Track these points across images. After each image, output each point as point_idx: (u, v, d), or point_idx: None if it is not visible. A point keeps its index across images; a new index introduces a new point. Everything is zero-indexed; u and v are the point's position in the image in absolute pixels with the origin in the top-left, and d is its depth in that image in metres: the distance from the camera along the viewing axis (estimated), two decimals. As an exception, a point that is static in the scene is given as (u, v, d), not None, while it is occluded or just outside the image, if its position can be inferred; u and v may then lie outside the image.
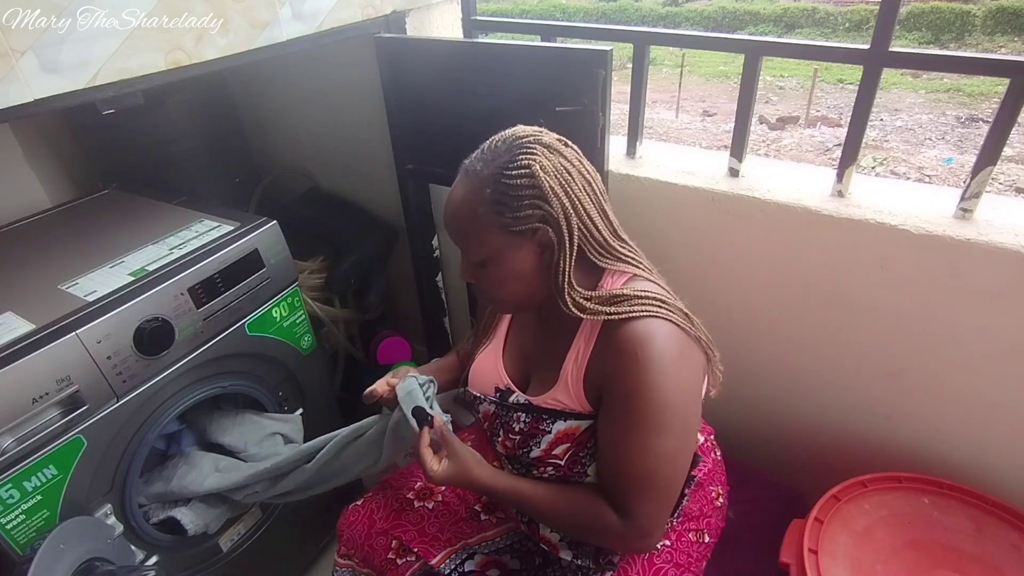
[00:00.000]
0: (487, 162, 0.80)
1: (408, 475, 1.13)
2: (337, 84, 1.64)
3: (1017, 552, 1.02)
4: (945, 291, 1.08)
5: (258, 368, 1.26)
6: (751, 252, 1.26)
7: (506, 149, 0.80)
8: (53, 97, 0.83)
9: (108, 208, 1.36)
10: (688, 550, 0.99)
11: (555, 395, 0.87)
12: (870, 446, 1.30)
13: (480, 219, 0.80)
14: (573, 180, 0.79)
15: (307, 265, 1.68)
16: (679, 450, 0.80)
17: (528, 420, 0.89)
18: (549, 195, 0.77)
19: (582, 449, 0.87)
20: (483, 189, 0.79)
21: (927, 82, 10.22)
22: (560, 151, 0.80)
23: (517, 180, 0.77)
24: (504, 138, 0.82)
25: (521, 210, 0.78)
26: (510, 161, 0.78)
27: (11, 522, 0.91)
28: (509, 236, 0.80)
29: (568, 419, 0.86)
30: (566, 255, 0.80)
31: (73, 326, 0.92)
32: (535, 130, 0.83)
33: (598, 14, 15.44)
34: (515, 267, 0.82)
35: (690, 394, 0.81)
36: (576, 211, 0.79)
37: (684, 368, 0.80)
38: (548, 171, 0.78)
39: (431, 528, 1.04)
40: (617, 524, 0.80)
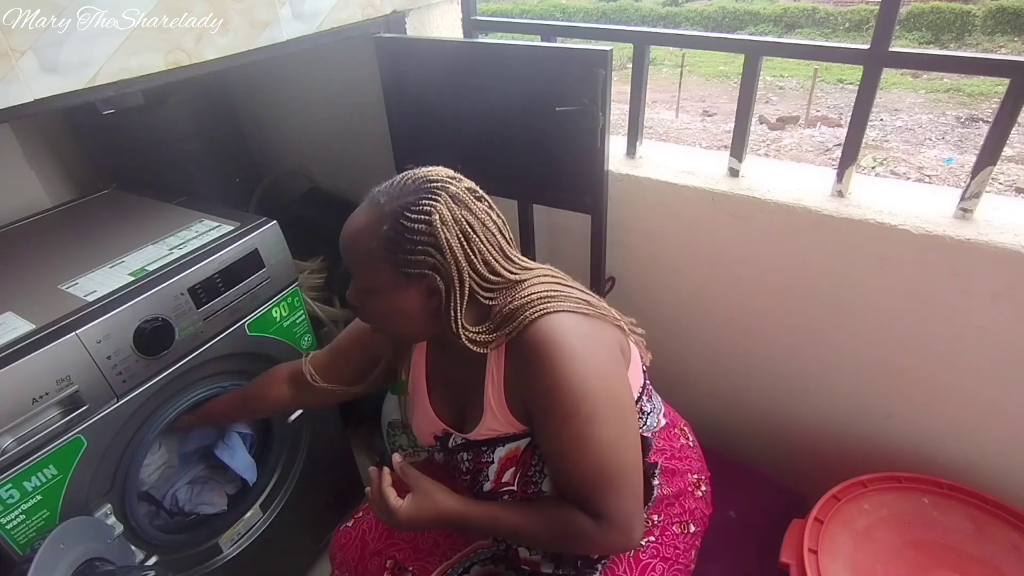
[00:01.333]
0: (392, 198, 0.80)
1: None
2: (337, 84, 1.64)
3: (1017, 552, 1.02)
4: (945, 291, 1.08)
5: (258, 368, 1.26)
6: (751, 252, 1.26)
7: (413, 190, 0.79)
8: (53, 97, 0.83)
9: (108, 208, 1.36)
10: (674, 543, 0.98)
11: (487, 425, 0.86)
12: (870, 446, 1.30)
13: (371, 252, 0.80)
14: (473, 233, 0.79)
15: (307, 265, 1.68)
16: (620, 434, 0.79)
17: (470, 457, 0.89)
18: (443, 246, 0.77)
19: (529, 469, 0.86)
20: (380, 224, 0.79)
21: (927, 82, 10.22)
22: (465, 202, 0.80)
23: (415, 224, 0.77)
24: (416, 176, 0.82)
25: (414, 254, 0.78)
26: (413, 203, 0.78)
27: (11, 522, 0.91)
28: (397, 275, 0.80)
29: (506, 443, 0.86)
30: (455, 303, 0.80)
31: (73, 326, 0.92)
32: (449, 176, 0.82)
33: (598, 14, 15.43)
34: (399, 305, 0.82)
35: (608, 374, 0.80)
36: (470, 263, 0.79)
37: (593, 351, 0.79)
38: (447, 222, 0.77)
39: (425, 544, 1.03)
40: (593, 527, 0.79)
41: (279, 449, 1.37)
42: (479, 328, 0.82)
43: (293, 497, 1.41)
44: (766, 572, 1.08)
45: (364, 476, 1.72)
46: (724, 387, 1.47)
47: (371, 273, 0.81)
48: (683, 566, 0.97)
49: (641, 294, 1.45)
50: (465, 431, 0.91)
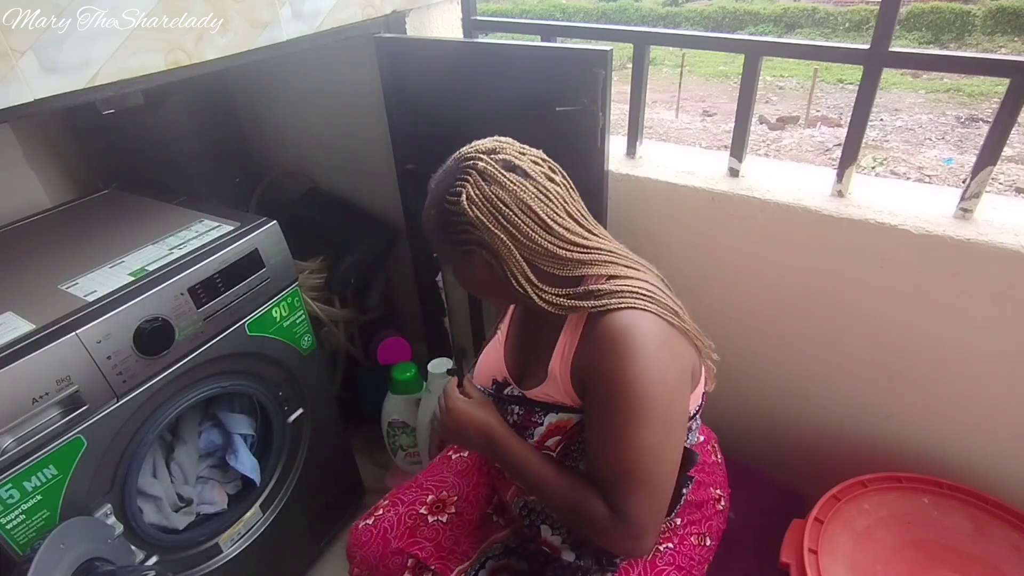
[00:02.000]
0: (438, 182, 0.85)
1: (419, 489, 1.11)
2: (337, 84, 1.64)
3: (1017, 552, 1.02)
4: (945, 291, 1.08)
5: (258, 368, 1.26)
6: (751, 252, 1.26)
7: (452, 171, 0.83)
8: (53, 97, 0.83)
9: (108, 208, 1.36)
10: (690, 553, 0.98)
11: (545, 389, 0.88)
12: (870, 446, 1.30)
13: (434, 233, 0.87)
14: (506, 207, 0.79)
15: (307, 265, 1.68)
16: (662, 444, 0.78)
17: (521, 412, 0.90)
18: (477, 223, 0.80)
19: (573, 443, 0.87)
20: (431, 209, 0.85)
21: (927, 82, 10.22)
22: (494, 178, 0.79)
23: (452, 206, 0.81)
24: (457, 156, 0.84)
25: (458, 234, 0.83)
26: (450, 186, 0.82)
27: (11, 522, 0.91)
28: (457, 251, 0.85)
29: (559, 412, 0.86)
30: (512, 269, 0.81)
31: (73, 326, 0.92)
32: (482, 151, 0.82)
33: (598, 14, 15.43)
34: (470, 276, 0.88)
35: (673, 386, 0.80)
36: (511, 236, 0.80)
37: (666, 359, 0.79)
38: (475, 202, 0.79)
39: (447, 542, 1.03)
40: (607, 518, 0.79)
41: (279, 449, 1.37)
42: (559, 291, 0.83)
43: (293, 497, 1.41)
44: (766, 572, 1.08)
45: (364, 476, 1.72)
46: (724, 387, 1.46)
47: (441, 252, 0.89)
48: None
49: (641, 294, 1.44)
50: (523, 387, 0.92)
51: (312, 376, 1.39)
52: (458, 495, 1.09)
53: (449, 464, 1.16)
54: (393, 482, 1.65)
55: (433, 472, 1.14)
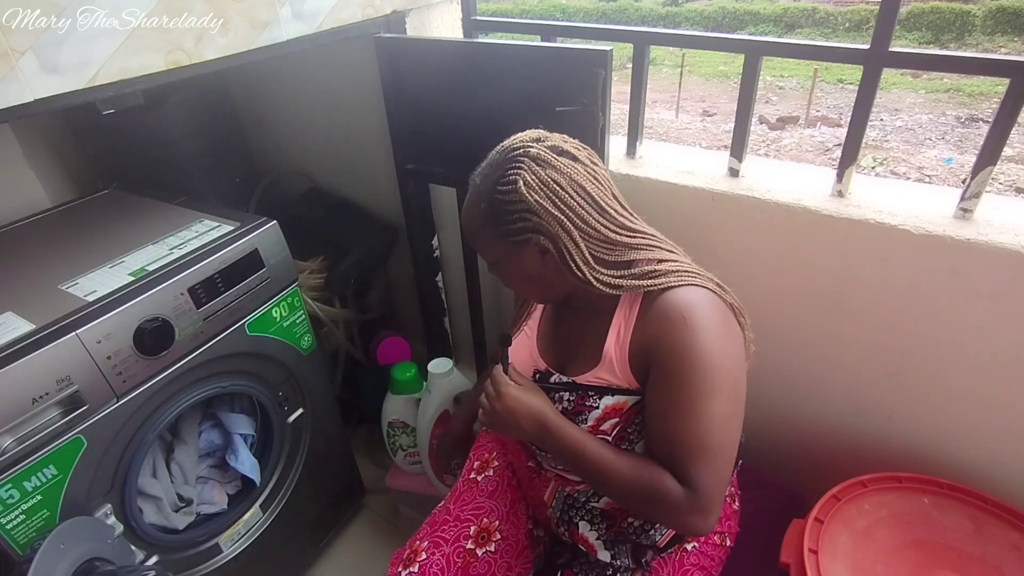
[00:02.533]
0: (484, 176, 0.85)
1: (458, 522, 1.03)
2: (337, 84, 1.64)
3: (1017, 552, 1.02)
4: (945, 291, 1.08)
5: (258, 368, 1.26)
6: (751, 252, 1.26)
7: (499, 163, 0.83)
8: (53, 97, 0.83)
9: (108, 208, 1.36)
10: (712, 553, 0.99)
11: (598, 373, 0.87)
12: (870, 446, 1.30)
13: (482, 230, 0.86)
14: (562, 190, 0.80)
15: (307, 265, 1.68)
16: (731, 414, 0.80)
17: (573, 398, 0.89)
18: (537, 209, 0.79)
19: (630, 425, 0.87)
20: (480, 203, 0.85)
21: (927, 82, 10.22)
22: (548, 162, 0.81)
23: (506, 196, 0.81)
24: (502, 148, 0.85)
25: (513, 223, 0.82)
26: (501, 176, 0.82)
27: (11, 522, 0.91)
28: (509, 245, 0.85)
29: (615, 394, 0.86)
30: (570, 252, 0.81)
31: (73, 326, 0.92)
32: (529, 140, 0.84)
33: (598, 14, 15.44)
34: (523, 270, 0.87)
35: (736, 359, 0.82)
36: (569, 219, 0.80)
37: (727, 333, 0.82)
38: (532, 186, 0.79)
39: (500, 570, 1.00)
40: (679, 493, 0.77)
41: (279, 449, 1.37)
42: (615, 272, 0.83)
43: (293, 497, 1.41)
44: (766, 572, 1.08)
45: (364, 476, 1.72)
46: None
47: (489, 249, 0.88)
48: None
49: (641, 294, 1.45)
50: (570, 374, 0.92)
51: (312, 376, 1.39)
52: (499, 519, 1.04)
53: (478, 487, 1.09)
54: (393, 482, 1.65)
55: (465, 500, 1.07)
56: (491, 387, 0.90)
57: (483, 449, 1.17)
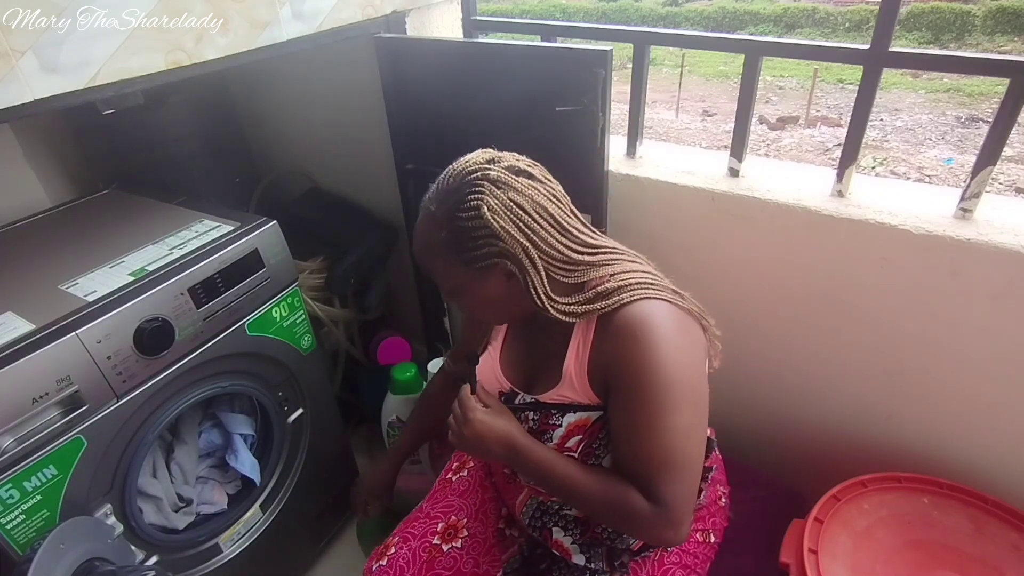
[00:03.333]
0: (440, 203, 0.82)
1: (427, 519, 1.08)
2: (337, 84, 1.64)
3: (1017, 552, 1.02)
4: (945, 291, 1.08)
5: (258, 368, 1.26)
6: (751, 252, 1.26)
7: (455, 188, 0.80)
8: (53, 97, 0.83)
9: (108, 208, 1.36)
10: (695, 551, 0.99)
11: (560, 391, 0.87)
12: (870, 446, 1.30)
13: (441, 259, 0.83)
14: (525, 213, 0.79)
15: (307, 265, 1.68)
16: (693, 426, 0.80)
17: (537, 417, 0.89)
18: (501, 234, 0.78)
19: (595, 440, 0.87)
20: (439, 231, 0.81)
21: (927, 82, 10.22)
22: (509, 184, 0.80)
23: (468, 222, 0.78)
24: (455, 173, 0.82)
25: (477, 249, 0.80)
26: (460, 202, 0.79)
27: (11, 522, 0.91)
28: (471, 272, 0.82)
29: (577, 411, 0.86)
30: (533, 280, 0.80)
31: (73, 326, 0.92)
32: (484, 162, 0.82)
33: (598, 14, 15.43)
34: (485, 296, 0.85)
35: (695, 369, 0.81)
36: (533, 243, 0.80)
37: (685, 343, 0.81)
38: (496, 210, 0.78)
39: (466, 567, 1.02)
40: (647, 509, 0.78)
41: (279, 449, 1.37)
42: (569, 300, 0.83)
43: (293, 497, 1.41)
44: (766, 572, 1.08)
45: (364, 476, 1.72)
46: (723, 387, 1.46)
47: (449, 277, 0.85)
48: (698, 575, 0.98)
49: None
50: (534, 393, 0.91)
51: (312, 376, 1.39)
52: (467, 517, 1.07)
53: (451, 487, 1.13)
54: (393, 482, 1.65)
55: (436, 499, 1.11)
56: (459, 410, 0.88)
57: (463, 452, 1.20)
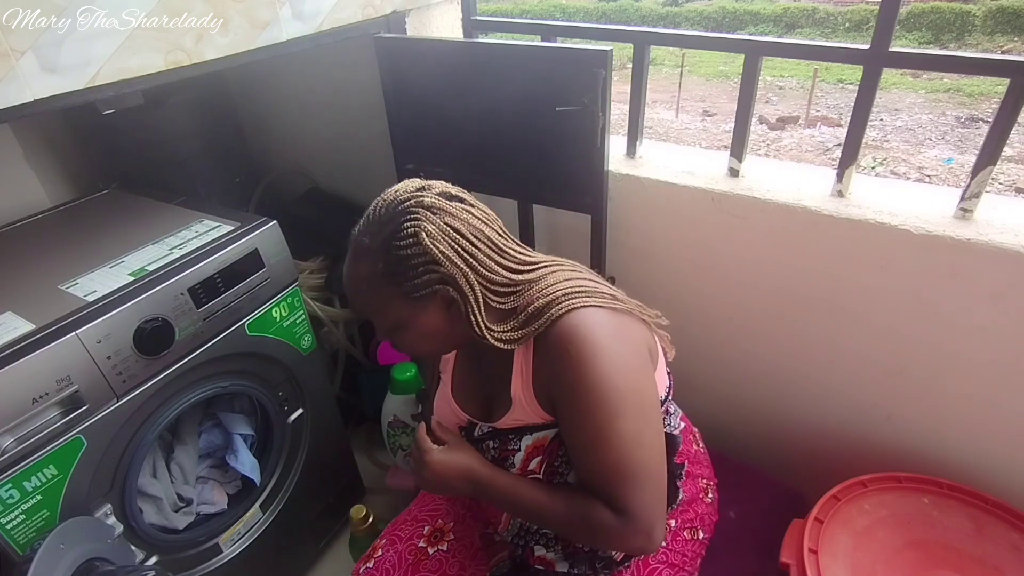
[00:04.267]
0: (373, 234, 0.80)
1: (414, 522, 1.08)
2: (337, 84, 1.64)
3: (1017, 552, 1.02)
4: (945, 291, 1.08)
5: (258, 368, 1.26)
6: (751, 252, 1.26)
7: (389, 218, 0.79)
8: (53, 97, 0.83)
9: (108, 208, 1.36)
10: (683, 549, 0.98)
11: (513, 415, 0.87)
12: (870, 446, 1.30)
13: (379, 293, 0.81)
14: (462, 237, 0.79)
15: (307, 265, 1.68)
16: (643, 430, 0.78)
17: (497, 445, 0.89)
18: (441, 259, 0.77)
19: (555, 459, 0.86)
20: (375, 264, 0.79)
21: (927, 82, 10.22)
22: (444, 209, 0.79)
23: (406, 250, 0.77)
24: (386, 203, 0.81)
25: (418, 277, 0.78)
26: (396, 230, 0.78)
27: (11, 522, 0.91)
28: (412, 302, 0.80)
29: (533, 432, 0.86)
30: (473, 307, 0.80)
31: (73, 326, 0.92)
32: (415, 190, 0.82)
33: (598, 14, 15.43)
34: (425, 328, 0.83)
35: (634, 371, 0.80)
36: (471, 267, 0.79)
37: (620, 347, 0.79)
38: (434, 235, 0.77)
39: (452, 570, 1.02)
40: (614, 522, 0.78)
41: (279, 449, 1.37)
42: (505, 327, 0.82)
43: (293, 497, 1.41)
44: (766, 572, 1.08)
45: (364, 476, 1.72)
46: (724, 387, 1.47)
47: (387, 312, 0.82)
48: (688, 573, 0.97)
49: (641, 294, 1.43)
50: (492, 421, 0.91)
51: (312, 376, 1.39)
52: (454, 520, 1.07)
53: None
54: (393, 482, 1.65)
55: (425, 502, 1.12)
56: (416, 452, 0.88)
57: None
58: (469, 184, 0.89)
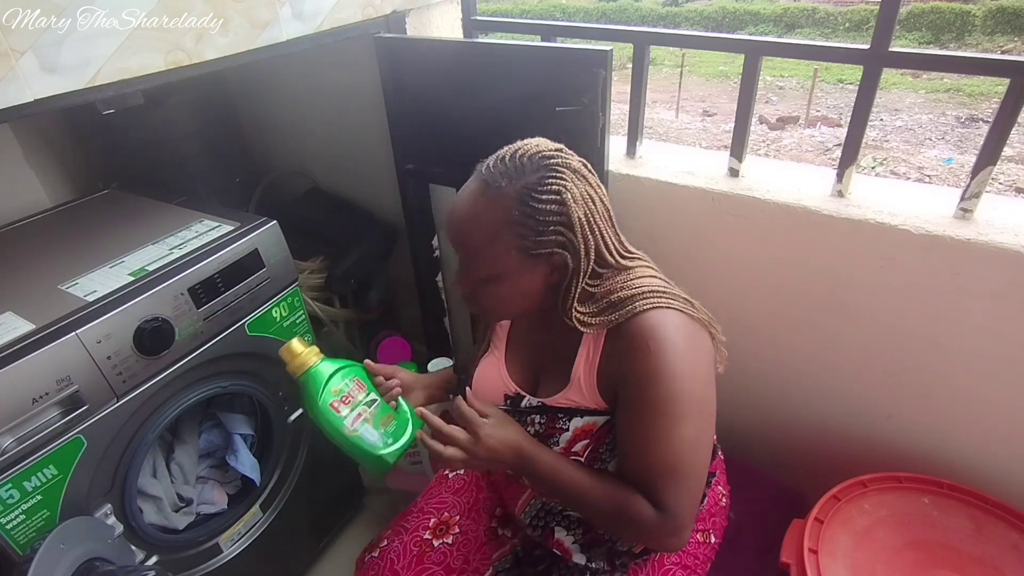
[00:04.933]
0: (512, 179, 0.77)
1: (420, 514, 1.08)
2: (337, 84, 1.64)
3: (1017, 552, 1.02)
4: (945, 291, 1.08)
5: (258, 368, 1.26)
6: (751, 252, 1.26)
7: (533, 168, 0.78)
8: (53, 97, 0.83)
9: (108, 208, 1.36)
10: (695, 552, 0.99)
11: (568, 395, 0.87)
12: (870, 446, 1.30)
13: (498, 238, 0.78)
14: (596, 209, 0.80)
15: (307, 265, 1.69)
16: (699, 436, 0.80)
17: (543, 421, 0.89)
18: (575, 225, 0.77)
19: (601, 445, 0.86)
20: (507, 208, 0.77)
21: (927, 82, 10.22)
22: (586, 177, 0.80)
23: (546, 205, 0.76)
24: (528, 154, 0.79)
25: (545, 235, 0.77)
26: (539, 183, 0.77)
27: (11, 522, 0.91)
28: (524, 258, 0.79)
29: (584, 415, 0.86)
30: (578, 278, 0.80)
31: (73, 326, 0.92)
32: (555, 149, 0.81)
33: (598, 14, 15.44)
34: (521, 287, 0.82)
35: (704, 379, 0.82)
36: (595, 239, 0.80)
37: (695, 354, 0.81)
38: (577, 200, 0.77)
39: (456, 563, 1.02)
40: (652, 516, 0.78)
41: (279, 449, 1.37)
42: (584, 309, 0.82)
43: (293, 497, 1.41)
44: (766, 572, 1.08)
45: (364, 476, 1.72)
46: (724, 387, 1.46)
47: (494, 259, 0.80)
48: None
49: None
50: (538, 395, 0.91)
51: (312, 376, 1.38)
52: (460, 514, 1.08)
53: (446, 484, 1.13)
54: (393, 482, 1.65)
55: (431, 495, 1.12)
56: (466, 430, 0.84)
57: None
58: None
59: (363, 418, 0.95)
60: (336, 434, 0.92)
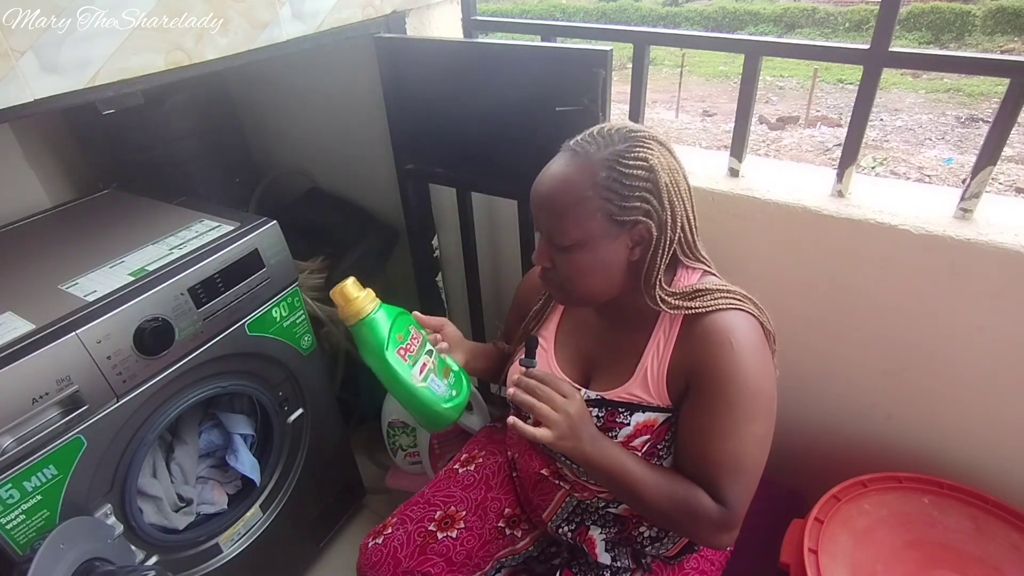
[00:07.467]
0: (601, 145, 0.79)
1: (427, 505, 1.09)
2: (337, 84, 1.64)
3: (1017, 552, 1.02)
4: (945, 291, 1.08)
5: (258, 368, 1.26)
6: (751, 252, 1.26)
7: (621, 138, 0.80)
8: (53, 97, 0.83)
9: (108, 208, 1.36)
10: (712, 557, 1.00)
11: (630, 389, 0.87)
12: (870, 446, 1.30)
13: (585, 200, 0.78)
14: (681, 181, 0.81)
15: (307, 265, 1.68)
16: (766, 436, 0.82)
17: (602, 415, 0.88)
18: (662, 191, 0.78)
19: (660, 442, 0.87)
20: (596, 171, 0.78)
21: (927, 82, 10.22)
22: (671, 151, 0.82)
23: (634, 170, 0.77)
24: (616, 127, 0.81)
25: (631, 200, 0.78)
26: (627, 150, 0.78)
27: (11, 522, 0.91)
28: (609, 224, 0.79)
29: (647, 412, 0.86)
30: (662, 252, 0.81)
31: (73, 326, 0.92)
32: (644, 125, 0.84)
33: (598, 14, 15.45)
34: (604, 257, 0.81)
35: (773, 383, 0.84)
36: (681, 209, 0.81)
37: (766, 357, 0.83)
38: (664, 168, 0.78)
39: (459, 557, 1.02)
40: (714, 510, 0.80)
41: (279, 449, 1.37)
42: (666, 289, 0.83)
43: (293, 497, 1.41)
44: (766, 572, 1.08)
45: (364, 476, 1.72)
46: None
47: (581, 224, 0.79)
48: None
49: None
50: (592, 389, 0.91)
51: (312, 376, 1.39)
52: (466, 510, 1.08)
53: (456, 478, 1.14)
54: (393, 482, 1.65)
55: (439, 487, 1.12)
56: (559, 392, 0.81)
57: (475, 445, 1.21)
58: (469, 184, 0.88)
59: (428, 368, 0.91)
60: (401, 386, 0.87)
